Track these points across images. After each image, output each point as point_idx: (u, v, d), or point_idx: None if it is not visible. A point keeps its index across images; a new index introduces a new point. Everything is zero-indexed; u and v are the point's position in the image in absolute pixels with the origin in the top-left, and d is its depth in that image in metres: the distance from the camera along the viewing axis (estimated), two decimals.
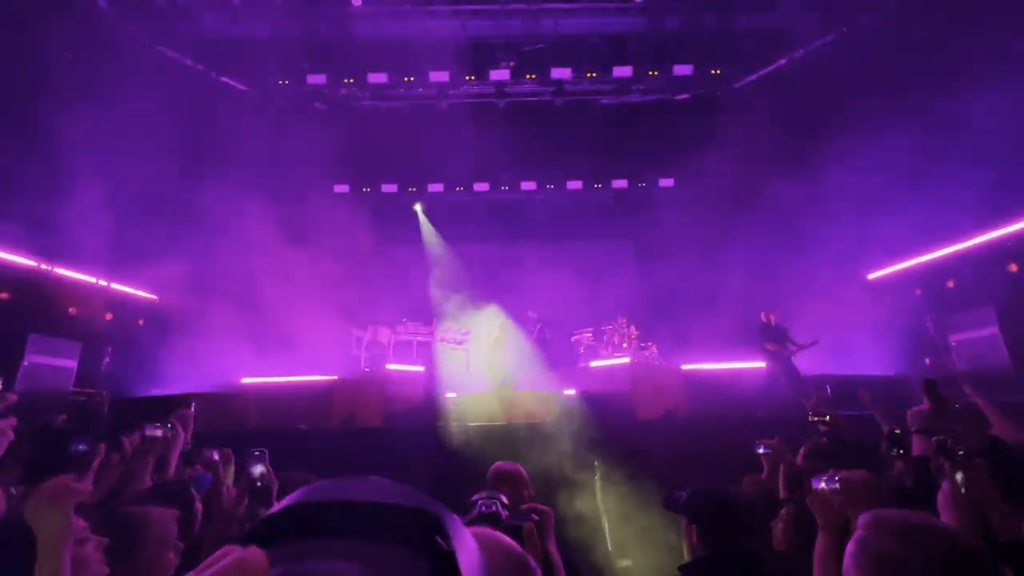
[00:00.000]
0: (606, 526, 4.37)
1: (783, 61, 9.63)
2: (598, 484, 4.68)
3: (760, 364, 7.69)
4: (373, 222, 11.01)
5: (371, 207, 11.42)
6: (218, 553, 0.31)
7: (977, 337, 7.33)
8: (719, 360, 8.21)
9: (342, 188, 11.43)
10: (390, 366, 8.19)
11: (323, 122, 10.26)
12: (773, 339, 7.39)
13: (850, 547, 0.94)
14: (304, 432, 5.99)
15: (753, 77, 9.98)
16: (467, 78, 9.82)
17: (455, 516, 0.38)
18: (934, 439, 1.68)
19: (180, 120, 8.64)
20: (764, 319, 7.55)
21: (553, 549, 1.24)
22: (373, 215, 11.23)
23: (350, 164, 10.96)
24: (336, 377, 7.89)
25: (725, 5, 8.97)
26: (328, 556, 0.32)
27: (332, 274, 9.55)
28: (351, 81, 9.80)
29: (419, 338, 9.12)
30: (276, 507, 0.36)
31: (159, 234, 8.86)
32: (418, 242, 11.84)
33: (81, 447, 1.98)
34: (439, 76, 9.65)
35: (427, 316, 9.50)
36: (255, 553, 0.30)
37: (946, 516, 1.42)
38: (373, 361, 8.83)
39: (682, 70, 9.62)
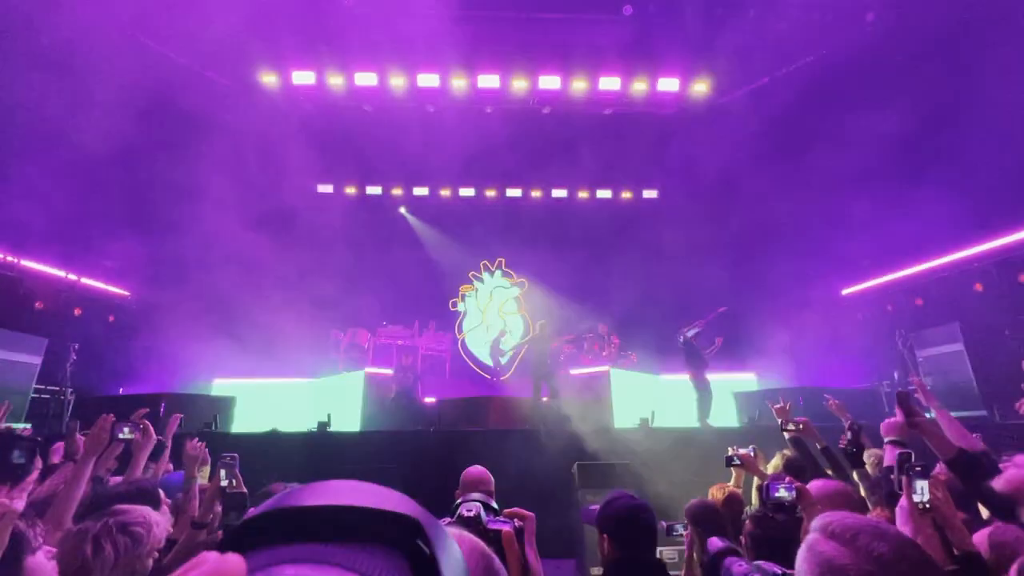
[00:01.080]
0: (585, 533, 4.38)
1: (766, 80, 9.87)
2: (576, 491, 4.69)
3: (738, 376, 8.14)
4: (356, 223, 10.92)
5: (355, 208, 11.32)
6: (194, 560, 0.30)
7: (943, 352, 7.59)
8: None
9: (326, 188, 11.32)
10: (369, 369, 8.10)
11: (308, 121, 10.15)
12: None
13: (801, 550, 0.94)
14: (279, 436, 5.86)
15: (738, 93, 10.20)
16: (455, 83, 9.83)
17: (438, 521, 0.38)
18: (898, 452, 1.73)
19: (160, 115, 8.46)
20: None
21: (532, 554, 1.23)
22: (357, 216, 11.13)
23: (335, 164, 10.87)
24: (314, 379, 7.76)
25: (714, 21, 9.16)
26: (307, 562, 0.31)
27: (312, 275, 9.41)
28: (338, 81, 9.72)
29: (400, 342, 9.03)
30: (254, 511, 0.35)
31: (133, 231, 8.63)
32: (402, 245, 11.75)
33: (17, 458, 1.88)
34: (427, 80, 9.65)
35: (408, 320, 9.42)
36: (233, 560, 0.30)
37: (904, 528, 1.46)
38: (352, 364, 8.72)
39: (668, 83, 9.81)
